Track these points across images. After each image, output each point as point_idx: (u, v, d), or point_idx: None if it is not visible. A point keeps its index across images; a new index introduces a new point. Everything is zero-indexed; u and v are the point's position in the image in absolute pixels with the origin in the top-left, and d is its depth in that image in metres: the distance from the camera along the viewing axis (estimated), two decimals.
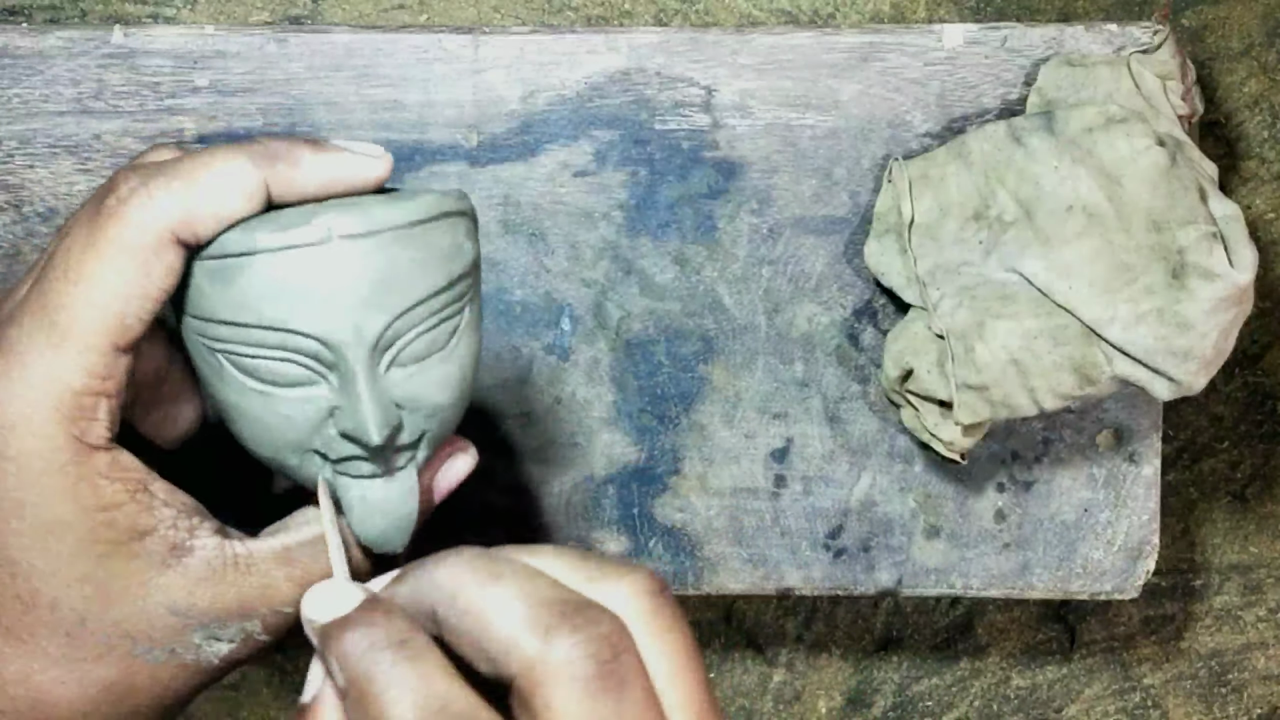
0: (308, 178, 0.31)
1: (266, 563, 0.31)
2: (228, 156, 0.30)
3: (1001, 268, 0.44)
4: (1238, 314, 0.42)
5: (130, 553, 0.30)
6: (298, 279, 0.29)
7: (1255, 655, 0.61)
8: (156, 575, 0.30)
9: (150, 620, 0.30)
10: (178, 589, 0.30)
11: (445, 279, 0.31)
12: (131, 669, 0.30)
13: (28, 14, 0.53)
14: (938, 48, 0.47)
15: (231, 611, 0.31)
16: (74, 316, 0.29)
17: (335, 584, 0.29)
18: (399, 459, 0.32)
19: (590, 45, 0.47)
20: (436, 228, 0.31)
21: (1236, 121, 0.57)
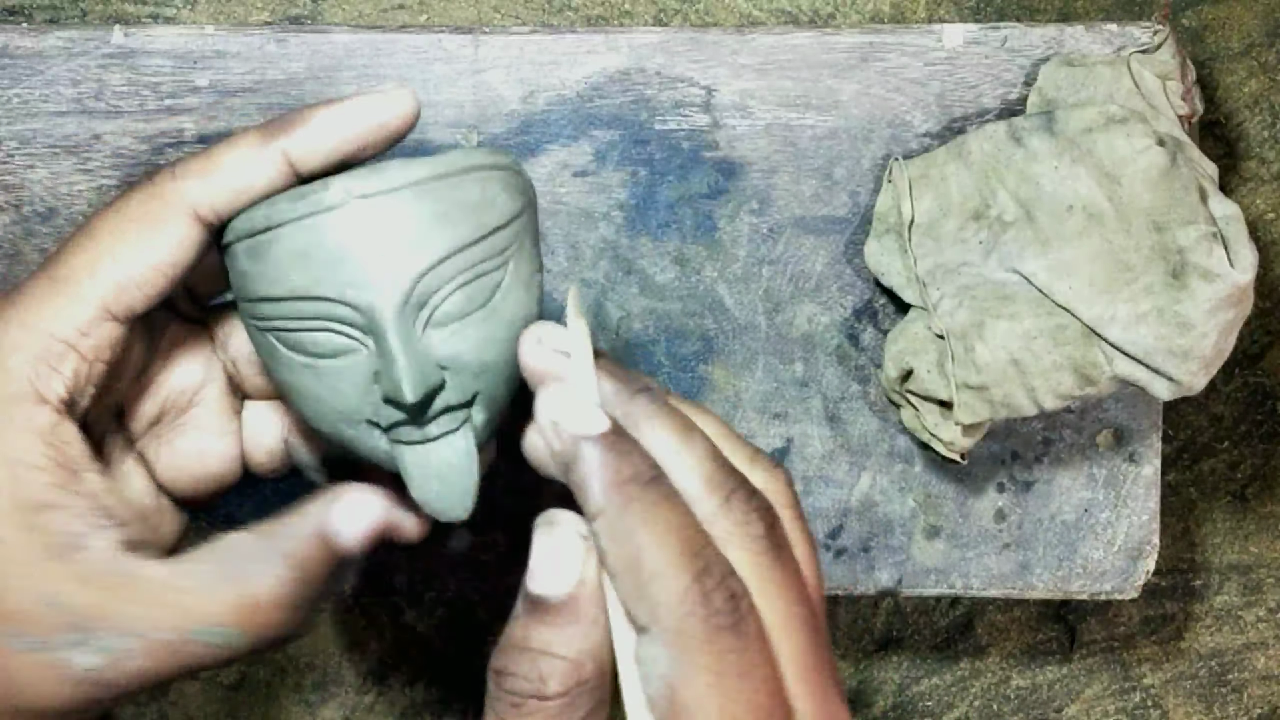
0: (327, 137, 0.31)
1: (151, 584, 0.30)
2: (244, 134, 0.30)
3: (1001, 268, 0.44)
4: (1238, 314, 0.42)
5: (26, 522, 0.29)
6: (320, 244, 0.29)
7: (1255, 655, 0.61)
8: (39, 559, 0.29)
9: (24, 604, 0.29)
10: (56, 580, 0.29)
11: (476, 232, 0.30)
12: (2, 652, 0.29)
13: (28, 14, 0.53)
14: (938, 48, 0.47)
15: (107, 622, 0.29)
16: (73, 268, 0.29)
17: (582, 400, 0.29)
18: (450, 420, 0.31)
19: (590, 45, 0.47)
20: (462, 181, 0.30)
21: (1236, 121, 0.57)
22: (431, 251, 0.29)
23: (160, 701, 0.59)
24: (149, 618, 0.29)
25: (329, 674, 0.60)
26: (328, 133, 0.31)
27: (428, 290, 0.29)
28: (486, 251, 0.30)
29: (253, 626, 0.30)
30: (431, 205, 0.29)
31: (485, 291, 0.30)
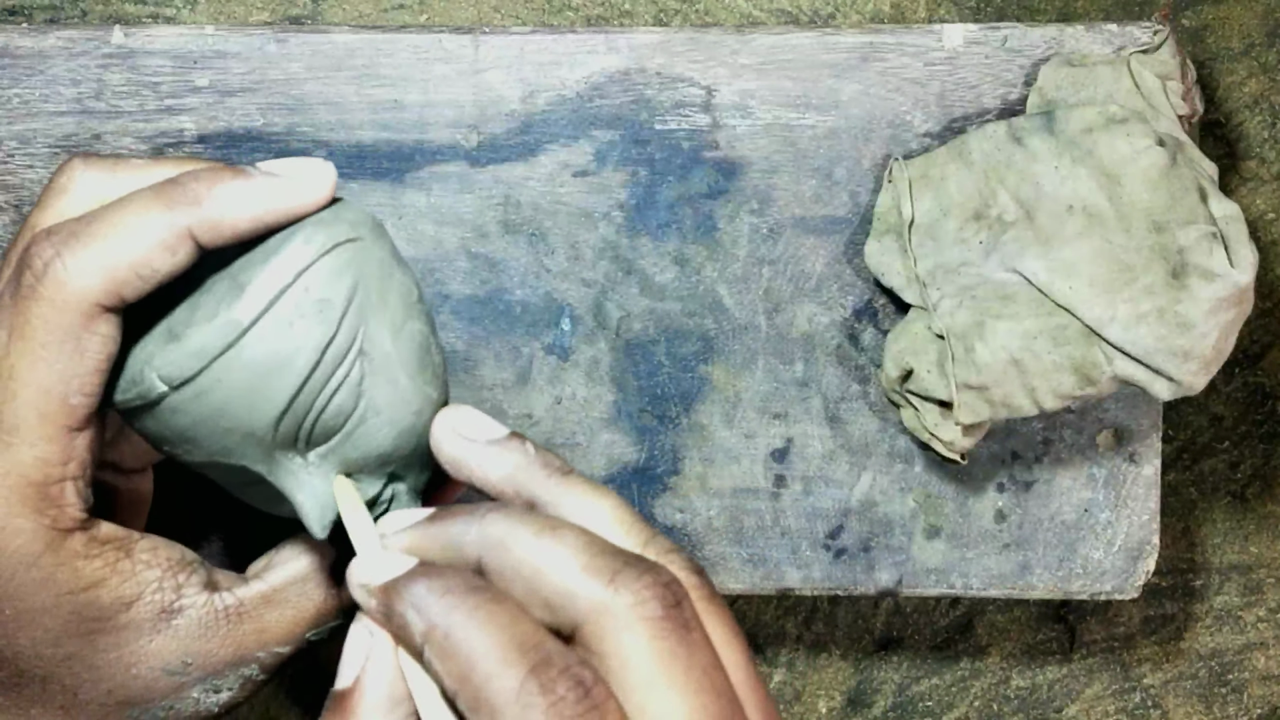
0: (236, 216, 0.29)
1: (257, 608, 0.31)
2: (143, 207, 0.28)
3: (1001, 268, 0.44)
4: (1238, 314, 0.42)
5: (116, 625, 0.29)
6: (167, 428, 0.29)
7: (1255, 655, 0.61)
8: (147, 642, 0.29)
9: (146, 685, 0.30)
10: (170, 651, 0.30)
11: (314, 354, 0.28)
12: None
13: (28, 14, 0.53)
14: (938, 48, 0.47)
15: (228, 661, 0.30)
16: (15, 413, 0.28)
17: (383, 553, 0.28)
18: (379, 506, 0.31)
19: (590, 45, 0.47)
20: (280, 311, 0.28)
21: (1236, 121, 0.57)
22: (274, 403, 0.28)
23: None
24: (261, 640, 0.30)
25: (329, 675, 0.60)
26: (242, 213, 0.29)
27: (290, 429, 0.29)
28: (331, 364, 0.29)
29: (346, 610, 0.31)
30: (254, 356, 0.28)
31: (349, 398, 0.29)
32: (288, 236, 0.29)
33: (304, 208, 0.29)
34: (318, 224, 0.29)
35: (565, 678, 0.23)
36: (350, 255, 0.29)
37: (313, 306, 0.28)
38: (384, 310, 0.30)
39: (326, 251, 0.29)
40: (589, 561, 0.25)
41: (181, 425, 0.29)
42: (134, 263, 0.28)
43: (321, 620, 0.32)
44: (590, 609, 0.25)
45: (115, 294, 0.28)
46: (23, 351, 0.27)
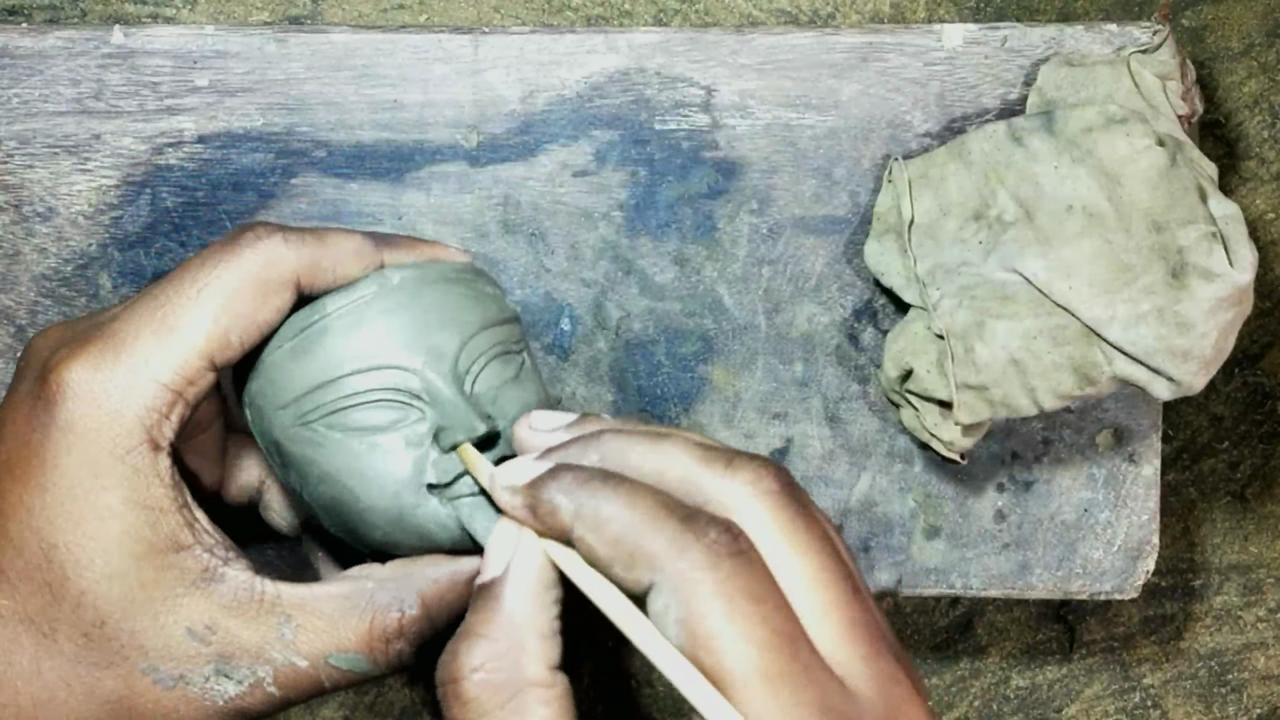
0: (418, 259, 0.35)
1: (293, 607, 0.31)
2: (353, 233, 0.34)
3: (1001, 268, 0.44)
4: (1238, 314, 0.42)
5: (164, 563, 0.30)
6: (372, 324, 0.32)
7: (1255, 655, 0.61)
8: (184, 593, 0.30)
9: (167, 639, 0.30)
10: (200, 612, 0.30)
11: (499, 314, 0.34)
12: (137, 688, 0.30)
13: (27, 14, 0.53)
14: (937, 48, 0.47)
15: (247, 650, 0.31)
16: (184, 317, 0.31)
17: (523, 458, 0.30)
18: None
19: (590, 45, 0.47)
20: (478, 278, 0.35)
21: (1236, 121, 0.57)
22: (469, 324, 0.33)
23: None
24: (285, 641, 0.31)
25: None
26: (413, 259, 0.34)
27: (469, 357, 0.33)
28: (508, 334, 0.34)
29: (381, 656, 0.32)
30: (462, 289, 0.34)
31: (513, 368, 0.34)
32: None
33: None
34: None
35: (714, 525, 0.26)
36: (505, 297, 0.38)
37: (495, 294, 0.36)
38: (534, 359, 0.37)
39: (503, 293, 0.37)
40: (703, 455, 0.27)
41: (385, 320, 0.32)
42: (335, 261, 0.33)
43: (344, 646, 0.31)
44: (714, 490, 0.27)
45: (310, 276, 0.32)
46: (221, 278, 0.31)
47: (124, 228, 0.47)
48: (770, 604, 0.25)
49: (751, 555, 0.26)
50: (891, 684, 0.25)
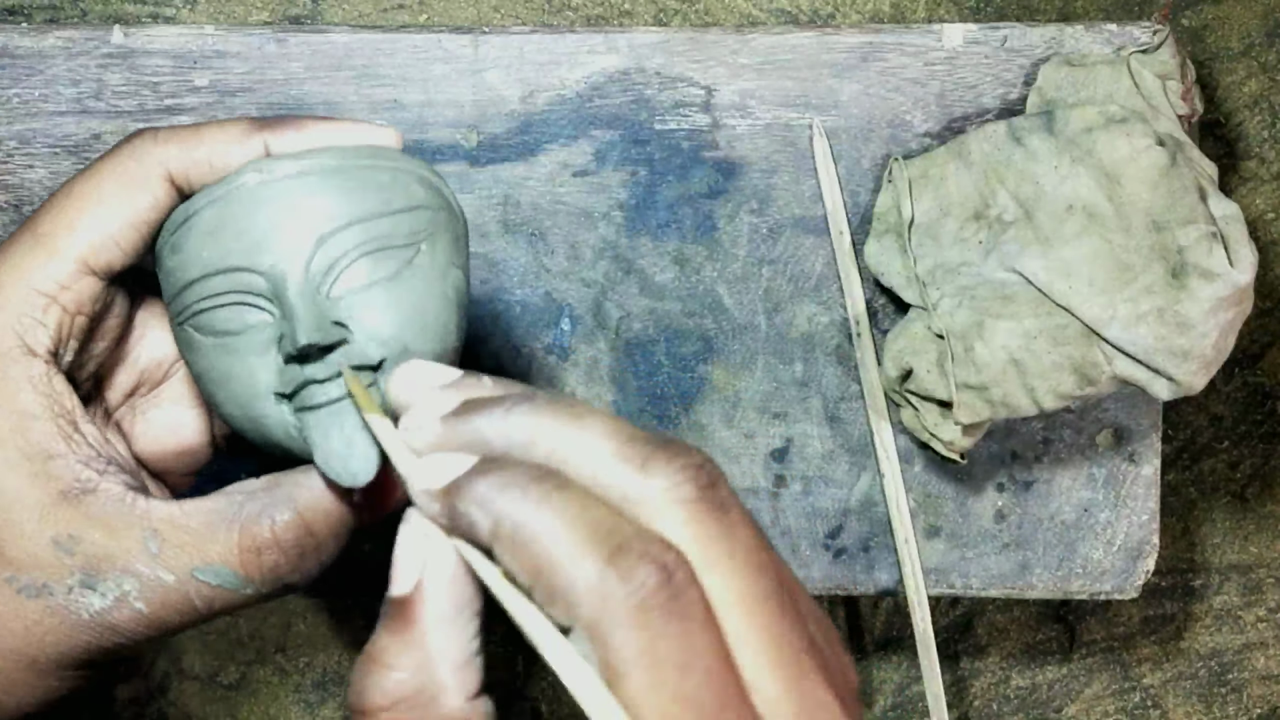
0: (310, 141, 0.32)
1: (160, 521, 0.30)
2: (237, 120, 0.32)
3: (1001, 267, 0.44)
4: (1237, 314, 0.42)
5: (32, 470, 0.30)
6: (230, 219, 0.30)
7: (1255, 655, 0.61)
8: (51, 502, 0.30)
9: (32, 547, 0.29)
10: (66, 523, 0.30)
11: (381, 208, 0.31)
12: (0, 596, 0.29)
13: (28, 14, 0.53)
14: (938, 48, 0.47)
15: (112, 562, 0.30)
16: (55, 224, 0.30)
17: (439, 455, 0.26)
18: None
19: (590, 45, 0.47)
20: (374, 166, 0.31)
21: (1236, 121, 0.57)
22: (333, 218, 0.30)
23: (160, 701, 0.59)
24: (150, 554, 0.30)
25: (329, 674, 0.60)
26: (313, 140, 0.32)
27: (331, 256, 0.30)
28: (392, 227, 0.31)
29: (254, 569, 0.30)
30: (338, 182, 0.31)
31: (392, 264, 0.31)
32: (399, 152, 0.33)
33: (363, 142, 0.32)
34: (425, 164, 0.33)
35: (645, 562, 0.22)
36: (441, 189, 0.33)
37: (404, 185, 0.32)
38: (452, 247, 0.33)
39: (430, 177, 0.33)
40: (618, 448, 0.24)
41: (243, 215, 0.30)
42: (211, 152, 0.31)
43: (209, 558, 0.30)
44: (625, 497, 0.24)
45: (184, 169, 0.31)
46: (88, 180, 0.30)
47: None
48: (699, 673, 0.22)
49: (685, 598, 0.22)
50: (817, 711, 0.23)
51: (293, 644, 0.59)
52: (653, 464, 0.24)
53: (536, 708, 0.61)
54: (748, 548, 0.24)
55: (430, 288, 0.32)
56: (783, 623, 0.23)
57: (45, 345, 0.30)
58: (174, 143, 0.31)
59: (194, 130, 0.31)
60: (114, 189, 0.31)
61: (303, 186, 0.30)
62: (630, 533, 0.23)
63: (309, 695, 0.59)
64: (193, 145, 0.31)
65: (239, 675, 0.59)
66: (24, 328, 0.30)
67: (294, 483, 0.31)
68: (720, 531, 0.23)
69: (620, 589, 0.22)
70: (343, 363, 0.30)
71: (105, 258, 0.31)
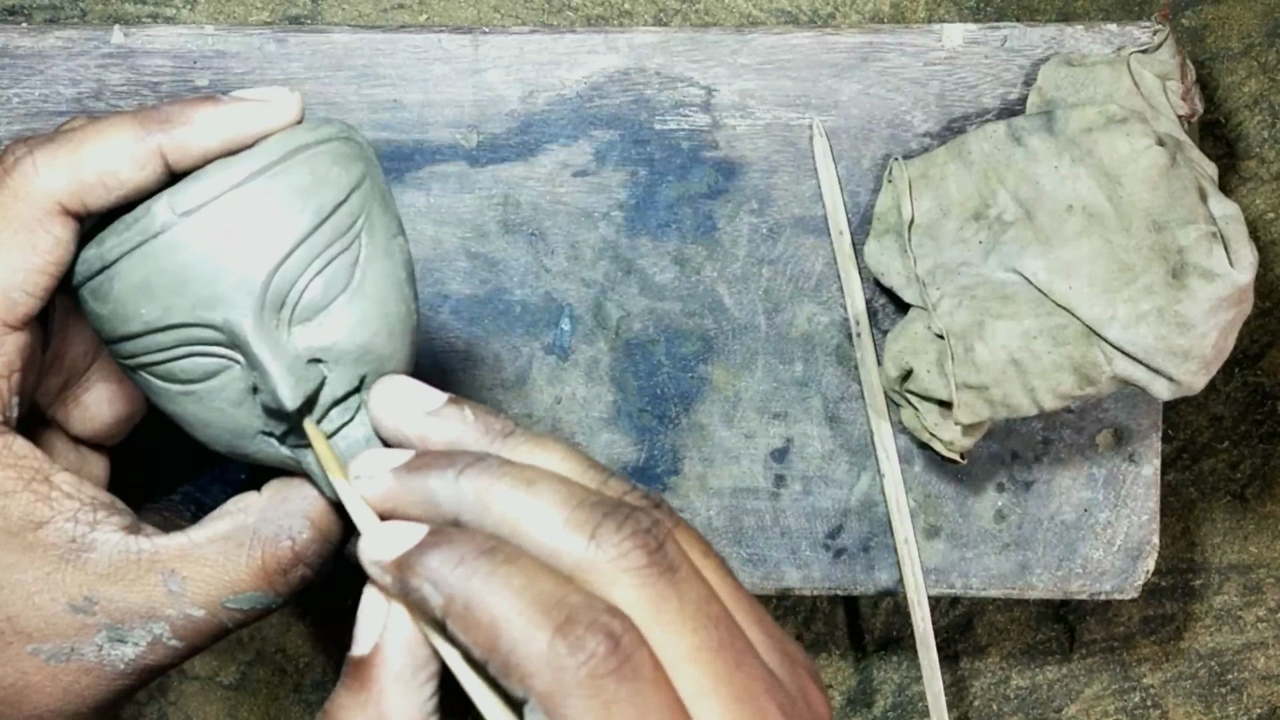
0: (207, 137, 0.29)
1: (174, 560, 0.29)
2: (117, 123, 0.29)
3: (1001, 267, 0.44)
4: (1238, 314, 0.42)
5: (24, 544, 0.28)
6: (159, 271, 0.28)
7: (1255, 655, 0.61)
8: (53, 570, 0.28)
9: (47, 618, 0.28)
10: (76, 585, 0.29)
11: (316, 216, 0.28)
12: (27, 669, 0.29)
13: (27, 14, 0.53)
14: (938, 48, 0.47)
15: (136, 612, 0.29)
16: None
17: (391, 524, 0.26)
18: (342, 412, 0.30)
19: (590, 45, 0.47)
20: (288, 167, 0.29)
21: (1236, 121, 0.57)
22: (274, 249, 0.28)
23: (160, 701, 0.59)
24: (172, 598, 0.29)
25: (329, 674, 0.60)
26: (212, 135, 0.29)
27: (281, 289, 0.28)
28: (333, 232, 0.29)
29: (282, 586, 0.30)
30: (262, 201, 0.28)
31: (343, 273, 0.29)
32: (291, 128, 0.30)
33: (273, 129, 0.29)
34: (323, 119, 0.30)
35: (593, 632, 0.23)
36: (358, 150, 0.30)
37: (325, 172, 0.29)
38: (385, 212, 0.30)
39: (335, 138, 0.30)
40: (569, 516, 0.25)
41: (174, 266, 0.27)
42: (102, 171, 0.28)
43: (239, 587, 0.30)
44: (576, 566, 0.24)
45: (78, 197, 0.28)
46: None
47: None
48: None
49: (634, 660, 0.23)
50: None
51: (292, 644, 0.59)
52: (601, 532, 0.24)
53: None
54: (697, 602, 0.24)
55: (384, 279, 0.30)
56: (737, 672, 0.24)
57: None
58: (56, 168, 0.28)
59: (75, 146, 0.28)
60: (8, 239, 0.28)
61: (229, 215, 0.28)
62: (578, 602, 0.23)
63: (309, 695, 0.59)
64: (78, 166, 0.28)
65: (239, 675, 0.59)
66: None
67: (300, 495, 0.31)
68: (669, 592, 0.24)
69: (571, 660, 0.23)
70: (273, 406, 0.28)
71: (20, 311, 0.29)
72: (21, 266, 0.28)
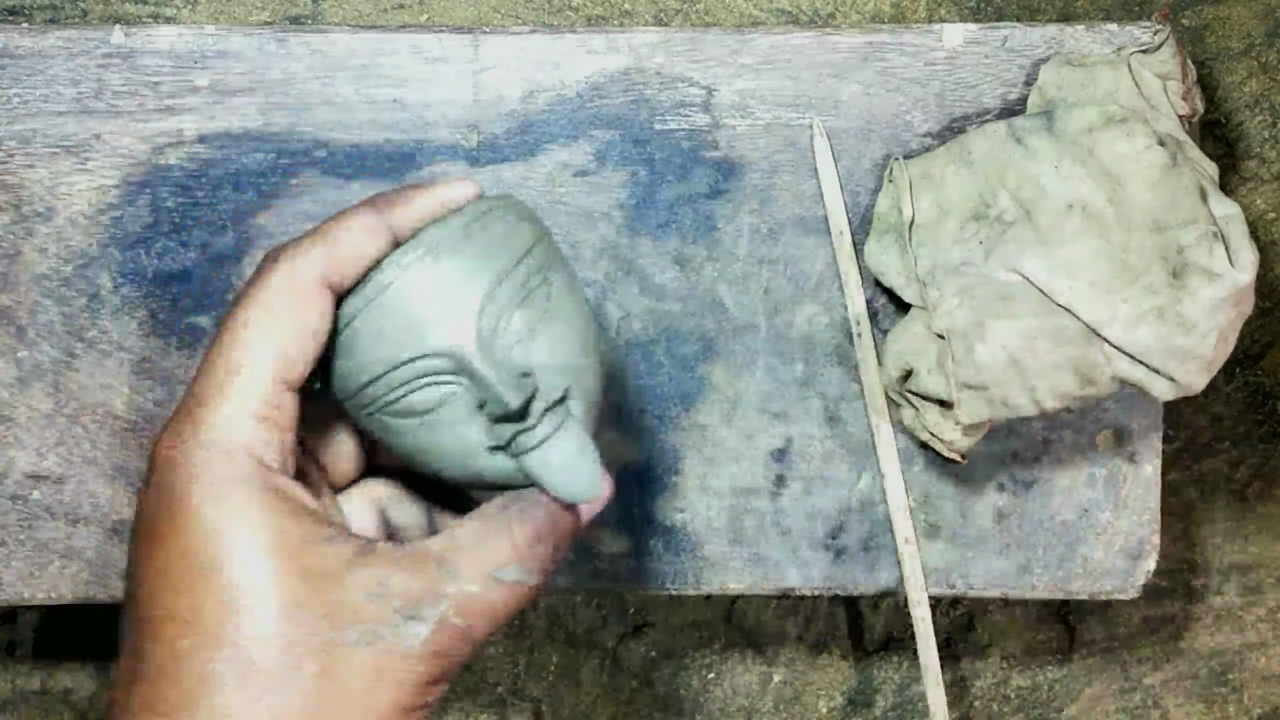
0: (421, 211, 0.35)
1: (443, 550, 0.34)
2: (356, 211, 0.35)
3: (1002, 267, 0.44)
4: (1238, 314, 0.42)
5: (320, 552, 0.32)
6: (392, 317, 0.33)
7: (1255, 655, 0.61)
8: (347, 571, 0.32)
9: (351, 608, 0.32)
10: (369, 578, 0.32)
11: (512, 258, 0.34)
12: (336, 658, 0.31)
13: (28, 14, 0.53)
14: (938, 48, 0.47)
15: (422, 592, 0.33)
16: (245, 354, 0.33)
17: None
18: (553, 419, 0.34)
19: (590, 45, 0.47)
20: (484, 224, 0.35)
21: (1236, 121, 0.57)
22: (482, 284, 0.34)
23: None
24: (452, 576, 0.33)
25: None
26: (422, 210, 0.35)
27: (492, 317, 0.33)
28: (527, 272, 0.35)
29: (532, 561, 0.34)
30: (466, 249, 0.34)
31: (539, 304, 0.35)
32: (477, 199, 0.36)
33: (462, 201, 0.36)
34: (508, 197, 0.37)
35: None
36: (530, 213, 0.37)
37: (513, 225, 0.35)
38: (563, 259, 0.37)
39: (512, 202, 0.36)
40: None
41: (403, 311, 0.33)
42: (349, 247, 0.34)
43: (502, 561, 0.34)
44: None
45: (336, 271, 0.33)
46: (257, 307, 0.33)
47: (124, 228, 0.47)
48: None
49: None
50: None
51: None
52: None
53: (538, 708, 0.61)
54: None
55: (573, 309, 0.35)
56: None
57: (278, 461, 0.33)
58: (316, 251, 0.34)
59: (325, 235, 0.34)
60: (284, 307, 0.33)
61: (440, 266, 0.33)
62: None
63: None
64: (333, 249, 0.34)
65: None
66: (258, 452, 0.32)
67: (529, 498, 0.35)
68: None
69: None
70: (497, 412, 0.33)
71: (296, 371, 0.33)
72: (296, 331, 0.33)
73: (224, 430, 0.32)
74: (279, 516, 0.32)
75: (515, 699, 0.60)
